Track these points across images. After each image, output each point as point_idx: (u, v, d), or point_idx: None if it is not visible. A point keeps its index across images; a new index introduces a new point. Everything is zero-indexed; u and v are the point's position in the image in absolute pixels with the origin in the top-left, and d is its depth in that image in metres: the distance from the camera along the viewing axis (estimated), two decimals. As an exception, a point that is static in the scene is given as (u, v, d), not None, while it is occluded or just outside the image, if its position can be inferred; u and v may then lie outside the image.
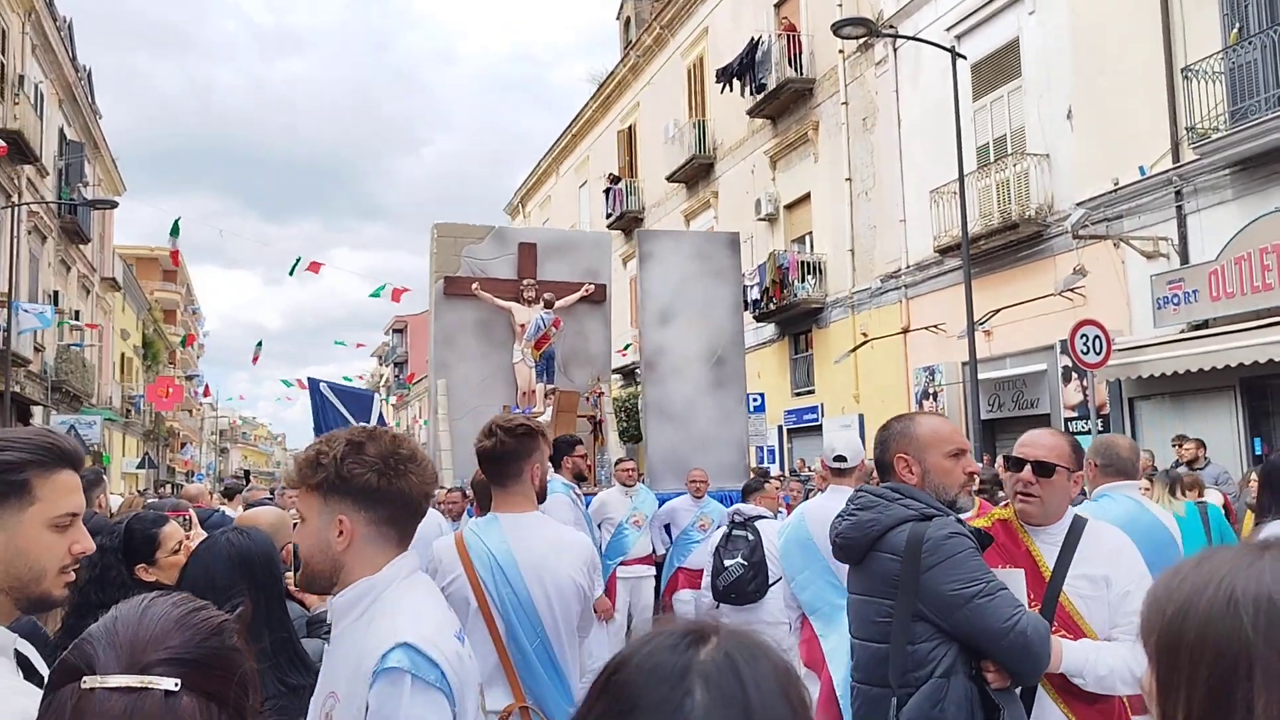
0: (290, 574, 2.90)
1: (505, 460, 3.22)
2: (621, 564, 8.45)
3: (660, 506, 8.93)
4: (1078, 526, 3.00)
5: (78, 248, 30.38)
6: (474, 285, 11.29)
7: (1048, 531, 3.02)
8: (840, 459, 5.22)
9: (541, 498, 3.36)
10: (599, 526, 8.41)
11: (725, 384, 11.33)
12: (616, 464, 9.18)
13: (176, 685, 1.07)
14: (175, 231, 21.02)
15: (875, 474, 3.66)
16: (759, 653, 0.94)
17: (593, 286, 11.86)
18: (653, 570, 8.69)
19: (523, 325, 11.17)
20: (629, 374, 24.68)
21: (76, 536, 1.70)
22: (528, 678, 3.02)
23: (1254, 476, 8.37)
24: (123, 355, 40.24)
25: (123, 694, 1.06)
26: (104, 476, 6.23)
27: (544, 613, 3.05)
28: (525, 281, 11.44)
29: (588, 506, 8.24)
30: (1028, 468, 3.01)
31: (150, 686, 1.06)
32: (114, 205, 24.93)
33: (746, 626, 0.99)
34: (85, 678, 1.07)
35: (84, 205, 26.24)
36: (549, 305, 11.20)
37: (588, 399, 11.37)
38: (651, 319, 11.28)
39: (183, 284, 59.45)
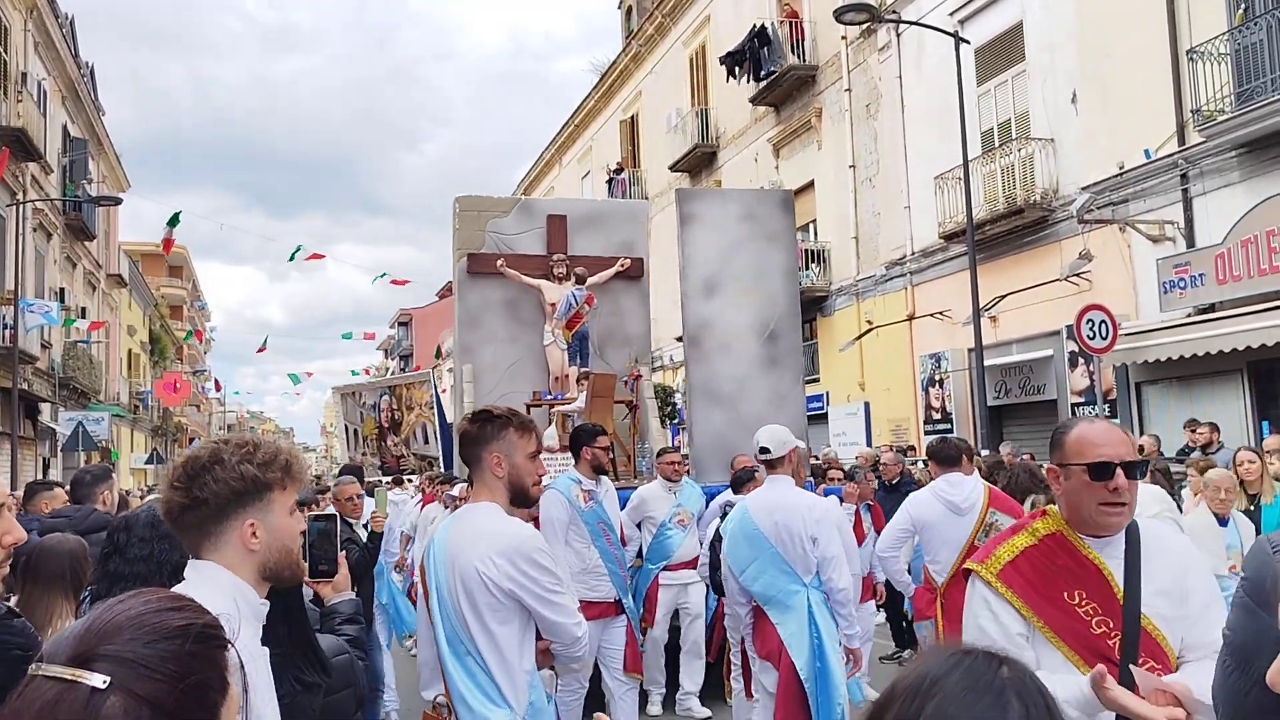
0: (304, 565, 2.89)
1: (465, 446, 3.14)
2: (665, 569, 7.60)
3: (710, 502, 7.84)
4: (1134, 531, 2.47)
5: (83, 244, 30.42)
6: (499, 262, 10.30)
7: (1110, 541, 2.46)
8: (764, 450, 5.27)
9: (520, 495, 3.12)
10: (638, 526, 7.67)
11: (780, 361, 10.18)
12: (660, 456, 8.08)
13: (105, 683, 1.05)
14: (174, 222, 21.04)
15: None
16: (1038, 677, 1.14)
17: (629, 261, 10.81)
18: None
19: (553, 304, 10.26)
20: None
21: (5, 528, 1.59)
22: (444, 667, 2.99)
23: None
24: (130, 351, 40.32)
25: (54, 683, 1.06)
26: (111, 473, 6.19)
27: (453, 601, 2.97)
28: (555, 256, 10.46)
29: (624, 505, 7.36)
30: (1120, 473, 2.41)
31: (78, 680, 1.05)
32: (118, 202, 24.96)
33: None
34: (34, 664, 1.09)
35: (88, 202, 26.27)
36: (581, 281, 10.29)
37: (625, 383, 10.40)
38: (695, 289, 10.12)
39: (188, 280, 59.54)
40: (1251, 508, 6.88)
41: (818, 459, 11.08)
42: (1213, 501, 6.25)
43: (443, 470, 13.02)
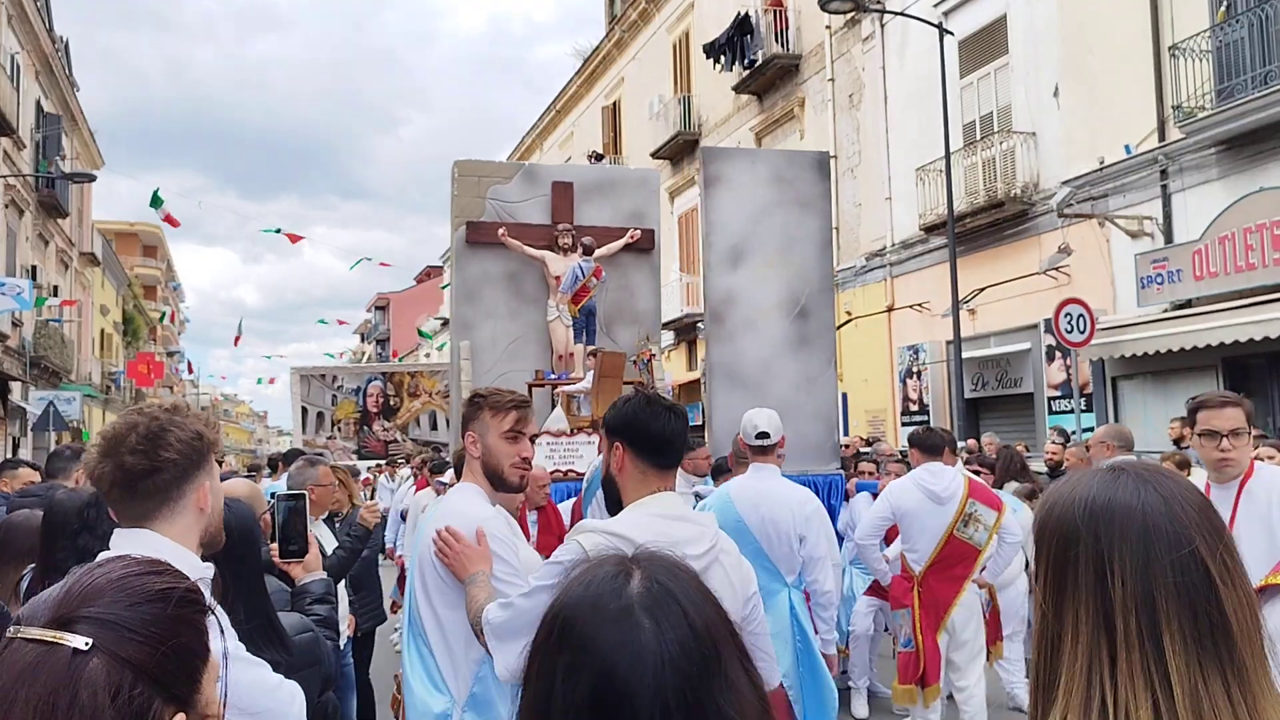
0: (274, 545, 2.84)
1: (461, 426, 3.11)
2: None
3: None
4: None
5: (56, 222, 30.04)
6: (500, 231, 9.66)
7: None
8: (763, 435, 4.98)
9: (495, 478, 3.02)
10: None
11: (810, 341, 9.33)
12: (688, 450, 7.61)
13: (87, 645, 1.03)
14: (157, 202, 20.64)
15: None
16: (676, 569, 1.09)
17: (639, 232, 10.13)
18: None
19: (557, 277, 9.62)
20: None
21: None
22: (402, 647, 3.01)
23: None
24: (102, 331, 39.91)
25: (35, 646, 1.04)
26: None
27: (415, 582, 2.99)
28: (560, 226, 9.77)
29: None
30: None
31: (60, 642, 1.03)
32: (92, 179, 24.62)
33: (654, 550, 1.12)
34: (12, 627, 1.07)
35: (62, 178, 25.92)
36: (588, 252, 9.62)
37: (635, 363, 9.71)
38: (719, 260, 9.29)
39: (163, 260, 58.98)
40: None
41: (846, 448, 10.61)
42: None
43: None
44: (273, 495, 2.82)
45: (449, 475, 7.93)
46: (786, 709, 4.82)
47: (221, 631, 1.20)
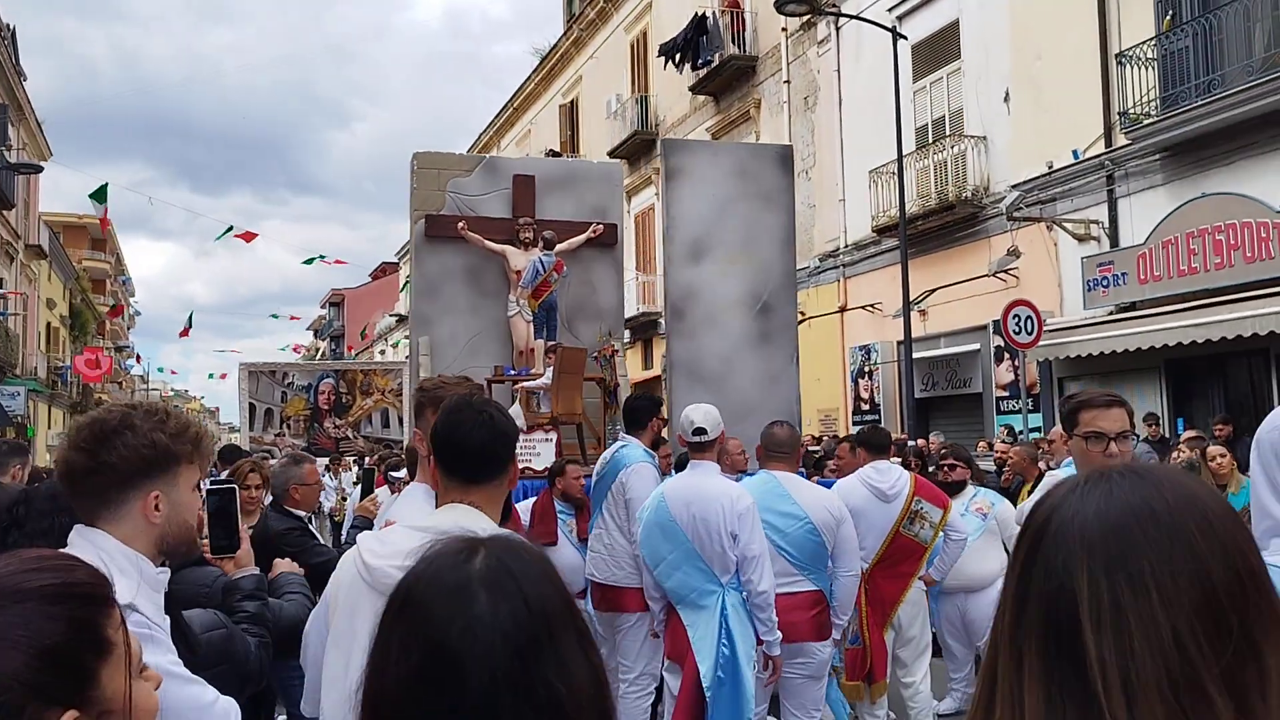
0: (205, 542, 2.80)
1: (413, 419, 3.02)
2: None
3: None
4: None
5: (1, 214, 29.44)
6: (460, 225, 9.51)
7: None
8: (700, 431, 4.89)
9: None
10: None
11: (772, 337, 9.26)
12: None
13: None
14: (102, 197, 20.13)
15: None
16: (521, 551, 1.11)
17: (601, 227, 9.97)
18: None
19: (518, 271, 9.49)
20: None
21: None
22: None
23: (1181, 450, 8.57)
24: (49, 325, 39.18)
25: None
26: (26, 448, 6.01)
27: None
28: (521, 220, 9.62)
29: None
30: None
31: None
32: (39, 170, 24.17)
33: (505, 534, 1.14)
34: None
35: (7, 169, 25.40)
36: (549, 246, 9.49)
37: (596, 358, 9.61)
38: (680, 254, 9.15)
39: (112, 253, 57.94)
40: None
41: (817, 449, 10.56)
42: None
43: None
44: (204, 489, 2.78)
45: (403, 472, 7.84)
46: (700, 712, 4.67)
47: (123, 622, 1.15)
